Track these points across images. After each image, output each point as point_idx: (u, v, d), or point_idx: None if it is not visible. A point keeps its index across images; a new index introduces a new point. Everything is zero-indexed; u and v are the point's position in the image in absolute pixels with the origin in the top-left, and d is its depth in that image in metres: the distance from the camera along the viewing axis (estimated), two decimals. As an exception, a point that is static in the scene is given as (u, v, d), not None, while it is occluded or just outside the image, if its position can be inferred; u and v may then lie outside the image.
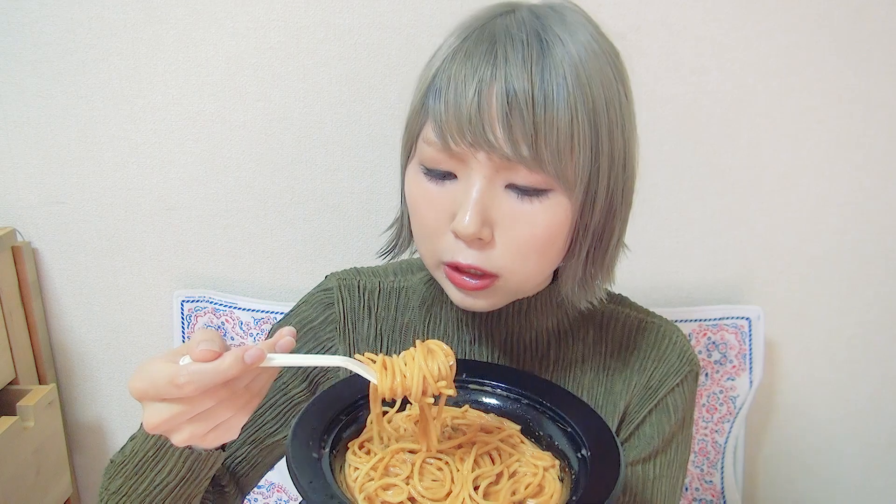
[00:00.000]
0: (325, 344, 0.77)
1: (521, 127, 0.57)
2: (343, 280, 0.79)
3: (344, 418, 0.64)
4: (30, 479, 1.09)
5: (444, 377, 0.59)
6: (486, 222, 0.60)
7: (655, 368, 0.75)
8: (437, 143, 0.60)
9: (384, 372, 0.58)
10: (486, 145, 0.58)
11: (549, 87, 0.57)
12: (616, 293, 0.81)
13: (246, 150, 1.17)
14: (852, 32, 1.16)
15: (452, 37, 0.63)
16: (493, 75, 0.57)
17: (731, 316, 1.25)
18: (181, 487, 0.61)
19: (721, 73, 1.17)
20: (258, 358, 0.52)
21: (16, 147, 1.16)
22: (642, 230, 1.23)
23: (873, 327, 1.32)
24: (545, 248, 0.62)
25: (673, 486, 0.74)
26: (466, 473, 0.58)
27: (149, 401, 0.53)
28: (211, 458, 0.60)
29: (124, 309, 1.25)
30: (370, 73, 1.14)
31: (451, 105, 0.59)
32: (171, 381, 0.50)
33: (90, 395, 1.29)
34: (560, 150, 0.58)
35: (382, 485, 0.58)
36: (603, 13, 0.69)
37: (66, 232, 1.21)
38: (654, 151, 1.20)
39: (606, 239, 0.66)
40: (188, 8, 1.11)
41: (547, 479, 0.59)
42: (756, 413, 1.35)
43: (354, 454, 0.61)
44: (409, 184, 0.66)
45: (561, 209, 0.61)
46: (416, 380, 0.58)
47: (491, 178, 0.60)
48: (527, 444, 0.64)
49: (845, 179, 1.24)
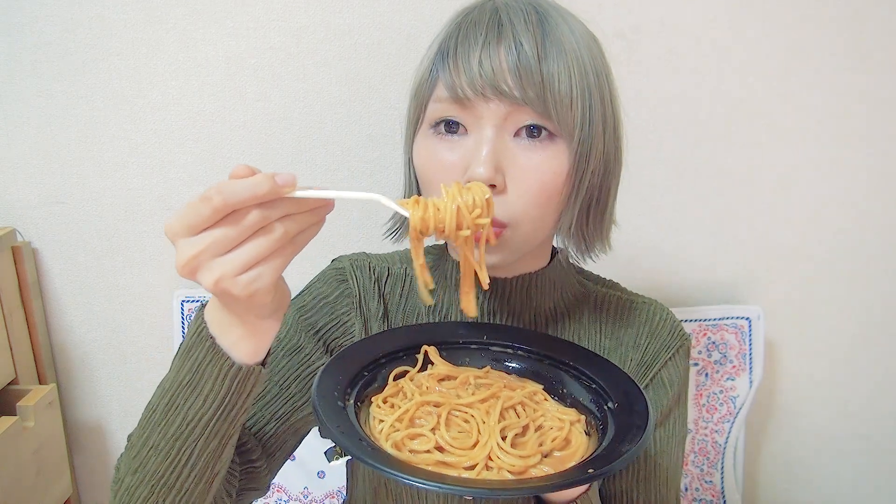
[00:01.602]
0: (340, 318, 0.78)
1: (528, 77, 0.62)
2: (354, 260, 0.82)
3: (366, 374, 0.64)
4: (30, 479, 1.09)
5: (479, 206, 0.57)
6: (498, 169, 0.64)
7: (649, 344, 0.77)
8: (449, 98, 0.65)
9: (416, 206, 0.56)
10: (498, 92, 0.63)
11: (551, 47, 0.63)
12: (608, 279, 0.84)
13: (246, 150, 1.17)
14: (852, 32, 1.16)
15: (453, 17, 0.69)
16: (499, 34, 0.63)
17: (731, 316, 1.25)
18: (217, 421, 0.57)
19: (721, 73, 1.17)
20: (289, 181, 0.50)
21: (16, 147, 1.16)
22: (642, 230, 1.24)
23: (873, 327, 1.32)
24: (551, 194, 0.66)
25: (674, 463, 0.76)
26: (493, 424, 0.59)
27: (181, 236, 0.50)
28: (252, 376, 0.57)
29: (124, 309, 1.25)
30: (370, 73, 1.14)
31: (461, 62, 0.64)
32: (202, 196, 0.48)
33: (90, 395, 1.29)
34: (561, 100, 0.63)
35: (409, 434, 0.58)
36: (603, 13, 0.69)
37: (66, 232, 1.21)
38: (654, 151, 1.20)
39: (603, 198, 0.71)
40: (188, 8, 1.11)
41: (573, 433, 0.60)
42: (756, 413, 1.35)
43: (378, 407, 0.61)
44: (420, 150, 0.69)
45: (563, 156, 0.66)
46: (450, 210, 0.56)
47: (500, 127, 0.64)
48: (550, 401, 0.65)
49: (845, 179, 1.24)
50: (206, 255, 0.49)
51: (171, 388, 0.57)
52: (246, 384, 0.57)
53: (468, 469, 0.56)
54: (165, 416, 0.57)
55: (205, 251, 0.49)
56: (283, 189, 0.50)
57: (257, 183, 0.49)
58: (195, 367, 0.56)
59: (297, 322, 0.77)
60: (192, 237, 0.49)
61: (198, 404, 0.56)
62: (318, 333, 0.77)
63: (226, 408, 0.57)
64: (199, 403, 0.56)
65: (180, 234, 0.49)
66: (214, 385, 0.56)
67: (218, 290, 0.50)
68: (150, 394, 0.60)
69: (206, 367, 0.56)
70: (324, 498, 1.26)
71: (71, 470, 1.27)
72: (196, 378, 0.56)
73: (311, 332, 0.76)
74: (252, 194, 0.48)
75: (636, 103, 1.16)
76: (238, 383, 0.56)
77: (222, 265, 0.49)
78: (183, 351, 0.57)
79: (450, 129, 0.67)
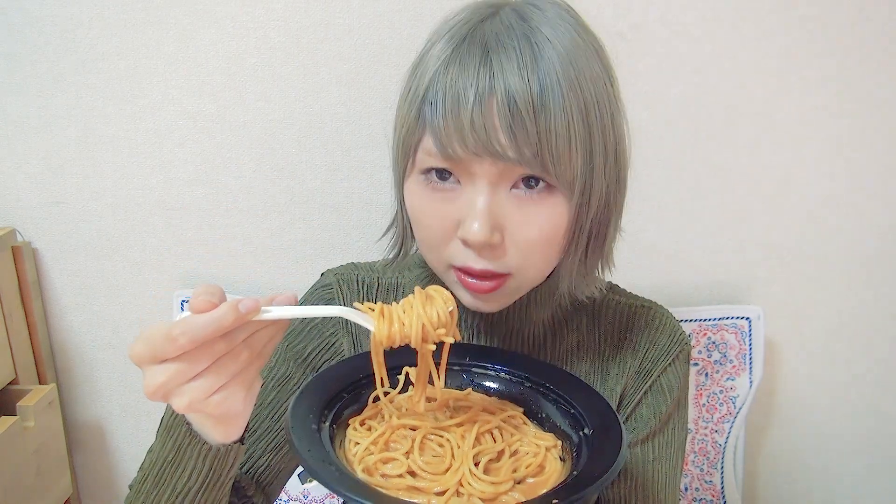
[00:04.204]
0: (328, 340, 0.77)
1: (524, 134, 0.58)
2: (340, 275, 0.80)
3: (346, 395, 0.64)
4: (30, 479, 1.09)
5: (443, 324, 0.58)
6: (495, 227, 0.61)
7: (648, 350, 0.76)
8: (439, 155, 0.61)
9: (381, 319, 0.57)
10: (492, 152, 0.58)
11: (546, 93, 0.58)
12: (606, 282, 0.81)
13: (246, 150, 1.17)
14: (852, 32, 1.16)
15: (441, 42, 0.62)
16: (491, 85, 0.58)
17: (731, 316, 1.25)
18: (204, 492, 0.59)
19: (721, 73, 1.17)
20: (253, 308, 0.51)
21: (16, 147, 1.16)
22: (642, 230, 1.24)
23: (873, 327, 1.32)
24: (552, 243, 0.64)
25: (673, 469, 0.75)
26: (467, 449, 0.58)
27: (147, 364, 0.50)
28: (231, 453, 0.59)
29: (124, 309, 1.25)
30: (370, 73, 1.14)
31: (451, 115, 0.59)
32: (167, 334, 0.49)
33: (90, 395, 1.29)
34: (560, 154, 0.59)
35: (382, 458, 0.57)
36: (603, 13, 0.69)
37: (66, 232, 1.21)
38: (654, 151, 1.20)
39: (603, 230, 0.68)
40: (188, 8, 1.11)
41: (548, 459, 0.59)
42: (756, 413, 1.35)
43: (355, 430, 0.61)
44: (411, 196, 0.66)
45: (562, 207, 0.62)
46: (415, 327, 0.57)
47: (496, 184, 0.61)
48: (530, 425, 0.65)
49: (845, 179, 1.24)
50: (173, 383, 0.50)
51: (158, 462, 0.59)
52: (227, 460, 0.59)
53: (438, 495, 0.55)
54: (157, 487, 0.60)
55: (172, 380, 0.50)
56: (248, 316, 0.51)
57: (221, 317, 0.49)
58: (176, 445, 0.58)
59: (284, 350, 0.76)
60: (158, 365, 0.50)
61: (184, 479, 0.59)
62: (307, 360, 0.76)
63: (210, 480, 0.59)
64: (185, 479, 0.59)
65: (146, 362, 0.51)
66: (196, 464, 0.58)
67: (191, 411, 0.52)
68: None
69: (185, 448, 0.58)
70: (323, 498, 1.26)
71: (71, 470, 1.27)
72: (178, 456, 0.58)
73: (298, 360, 0.76)
74: (217, 328, 0.49)
75: (636, 103, 1.15)
76: (218, 461, 0.58)
77: (191, 391, 0.51)
78: (164, 428, 0.59)
79: (441, 176, 0.63)
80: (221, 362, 0.51)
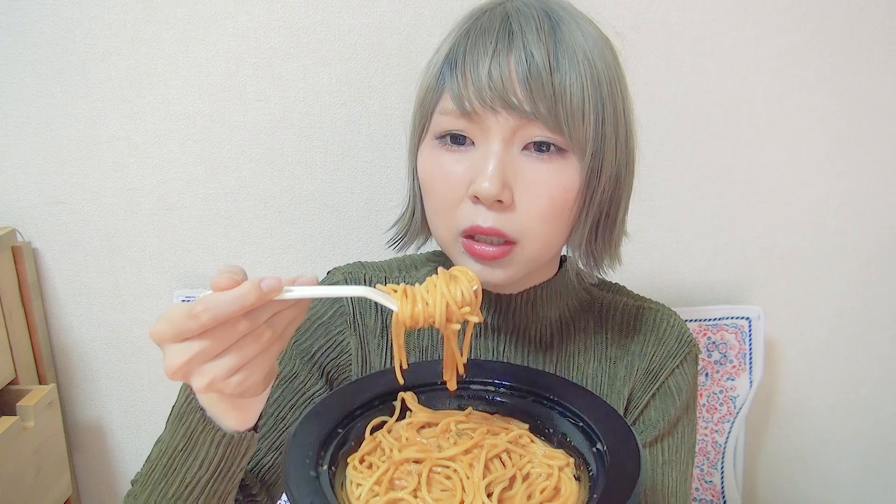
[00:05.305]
0: (335, 339, 0.77)
1: (540, 89, 0.60)
2: (348, 273, 0.80)
3: (341, 431, 0.61)
4: (30, 479, 1.09)
5: (468, 303, 0.57)
6: (506, 184, 0.62)
7: (655, 352, 0.76)
8: (455, 111, 0.63)
9: (405, 299, 0.56)
10: (509, 104, 0.61)
11: (563, 57, 0.61)
12: (613, 283, 0.82)
13: (246, 150, 1.17)
14: (852, 32, 1.16)
15: (461, 22, 0.66)
16: (510, 44, 0.61)
17: (731, 316, 1.25)
18: (214, 482, 0.58)
19: (721, 73, 1.17)
20: (275, 287, 0.50)
21: (16, 147, 1.16)
22: (642, 230, 1.23)
23: (873, 327, 1.32)
24: (561, 210, 0.65)
25: (682, 472, 0.74)
26: (477, 480, 0.55)
27: (169, 343, 0.50)
28: (244, 441, 0.58)
29: (124, 309, 1.25)
30: (370, 73, 1.14)
31: (470, 73, 0.61)
32: (189, 311, 0.48)
33: (90, 395, 1.29)
34: (573, 112, 0.61)
35: (389, 500, 0.54)
36: (603, 13, 0.69)
37: (66, 232, 1.21)
38: (654, 151, 1.20)
39: (613, 211, 0.68)
40: (188, 8, 1.11)
41: (563, 480, 0.57)
42: (756, 413, 1.35)
43: (355, 469, 0.58)
44: (424, 161, 0.68)
45: (574, 171, 0.64)
46: (439, 306, 0.56)
47: (508, 141, 0.63)
48: (537, 442, 0.62)
49: (845, 179, 1.24)
50: (196, 362, 0.50)
51: (168, 451, 0.59)
52: (239, 449, 0.58)
53: None
54: (165, 477, 0.59)
55: (195, 359, 0.50)
56: (270, 295, 0.51)
57: (244, 295, 0.49)
58: (188, 433, 0.57)
59: (290, 348, 0.76)
60: (180, 343, 0.50)
61: (194, 468, 0.58)
62: (314, 358, 0.76)
63: (222, 470, 0.58)
64: (196, 467, 0.58)
65: (167, 340, 0.50)
66: (209, 452, 0.57)
67: (211, 391, 0.51)
68: (150, 394, 0.61)
69: (198, 436, 0.57)
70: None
71: (71, 470, 1.27)
72: (190, 444, 0.57)
73: (305, 357, 0.76)
74: (240, 306, 0.49)
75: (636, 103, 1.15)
76: (231, 449, 0.58)
77: (213, 370, 0.50)
78: (175, 416, 0.58)
79: (456, 141, 0.65)
80: (244, 342, 0.51)
